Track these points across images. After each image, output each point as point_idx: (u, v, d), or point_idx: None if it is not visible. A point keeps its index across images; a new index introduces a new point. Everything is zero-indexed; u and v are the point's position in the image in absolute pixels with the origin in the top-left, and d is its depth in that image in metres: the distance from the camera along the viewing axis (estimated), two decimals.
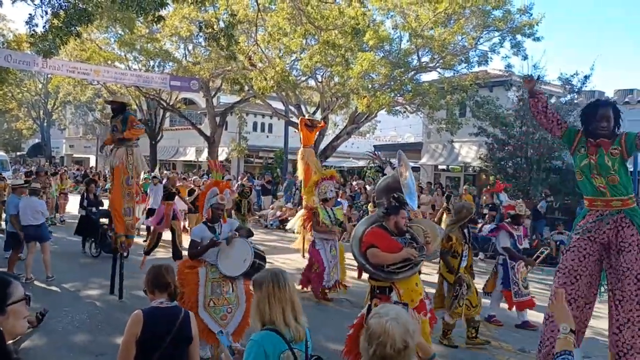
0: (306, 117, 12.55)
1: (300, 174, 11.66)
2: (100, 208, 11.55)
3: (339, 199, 14.79)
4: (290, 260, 11.11)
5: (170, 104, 26.68)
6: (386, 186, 5.41)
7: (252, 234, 5.53)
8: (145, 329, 2.92)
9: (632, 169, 10.79)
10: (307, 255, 11.39)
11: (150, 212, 12.18)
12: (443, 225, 10.87)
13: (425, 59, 17.11)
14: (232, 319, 5.09)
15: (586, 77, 14.74)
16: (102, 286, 8.12)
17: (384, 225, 4.83)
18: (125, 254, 10.03)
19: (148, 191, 13.04)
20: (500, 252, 7.25)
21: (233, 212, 9.96)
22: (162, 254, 10.51)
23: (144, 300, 3.19)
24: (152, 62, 23.31)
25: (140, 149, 7.87)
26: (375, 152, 9.44)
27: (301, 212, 11.73)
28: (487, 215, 13.58)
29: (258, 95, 17.65)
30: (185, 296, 5.00)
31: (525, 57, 15.55)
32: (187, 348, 3.04)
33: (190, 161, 33.17)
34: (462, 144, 20.55)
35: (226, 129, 27.47)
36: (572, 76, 14.85)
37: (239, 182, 20.53)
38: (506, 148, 15.36)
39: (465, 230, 6.34)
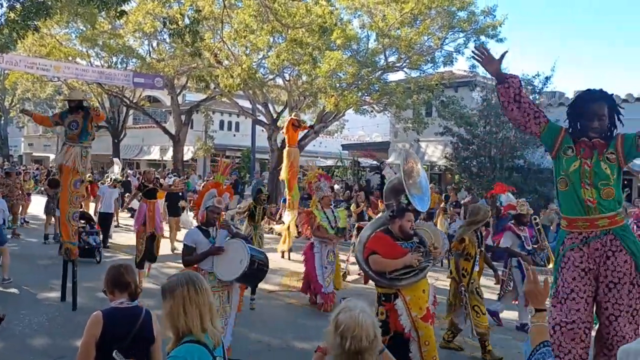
0: (293, 116, 12.24)
1: (284, 174, 11.46)
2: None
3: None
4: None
5: (134, 101, 26.14)
6: (393, 187, 5.21)
7: (248, 240, 5.20)
8: (105, 330, 2.83)
9: None
10: (293, 256, 11.29)
11: (102, 217, 11.77)
12: (439, 227, 10.84)
13: (392, 58, 17.25)
14: (227, 329, 4.78)
15: (547, 78, 15.15)
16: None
17: (389, 230, 4.63)
18: (98, 258, 9.80)
19: (100, 194, 12.46)
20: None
21: (246, 220, 9.26)
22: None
23: (105, 302, 3.09)
24: (114, 59, 22.78)
25: (103, 146, 7.63)
26: (369, 150, 9.22)
27: (288, 214, 11.50)
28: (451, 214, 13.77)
29: (224, 94, 17.46)
30: None
31: None
32: (149, 349, 2.95)
33: (155, 160, 32.57)
34: (429, 143, 20.83)
35: (192, 127, 27.08)
36: (533, 77, 15.24)
37: (204, 182, 20.32)
38: (470, 147, 15.64)
39: (479, 233, 6.05)
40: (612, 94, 3.52)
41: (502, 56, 3.61)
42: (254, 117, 20.34)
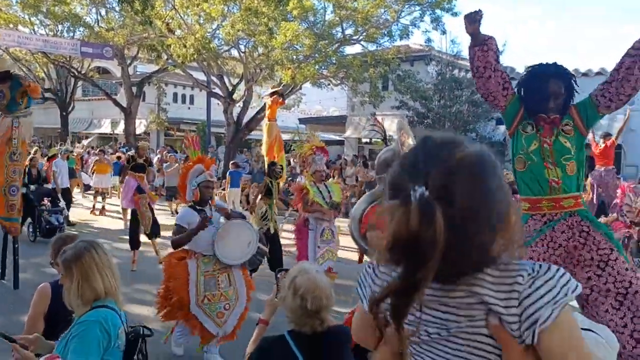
0: (272, 89, 11.74)
1: (265, 149, 11.00)
2: (46, 185, 10.65)
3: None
4: None
5: (83, 72, 25.07)
6: (385, 160, 5.11)
7: (244, 218, 4.85)
8: (52, 302, 2.76)
9: None
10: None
11: (63, 193, 11.33)
12: None
13: (349, 31, 17.18)
14: (230, 317, 4.49)
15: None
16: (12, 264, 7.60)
17: None
18: (31, 238, 9.26)
19: (55, 168, 11.78)
20: None
21: (260, 196, 8.12)
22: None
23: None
24: (60, 27, 21.70)
25: (50, 119, 7.27)
26: (376, 119, 8.82)
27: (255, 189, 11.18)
28: None
29: (178, 65, 16.97)
30: (173, 291, 4.42)
31: (444, 32, 16.02)
32: None
33: (106, 134, 31.52)
34: (385, 117, 20.95)
35: (144, 100, 26.27)
36: None
37: (158, 157, 19.84)
38: (425, 121, 15.87)
39: None
40: (567, 70, 3.24)
41: (481, 15, 3.22)
42: (209, 89, 19.92)
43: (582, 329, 1.64)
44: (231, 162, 15.75)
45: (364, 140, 23.78)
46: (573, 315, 1.06)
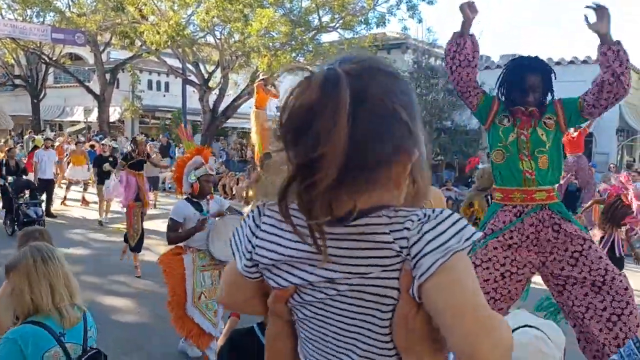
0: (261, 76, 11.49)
1: (255, 139, 10.72)
2: (25, 177, 10.33)
3: None
4: None
5: (54, 58, 24.46)
6: None
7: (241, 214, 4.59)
8: None
9: None
10: None
11: (41, 185, 10.83)
12: None
13: (325, 18, 17.08)
14: (219, 314, 4.38)
15: None
16: None
17: None
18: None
19: (36, 159, 11.20)
20: None
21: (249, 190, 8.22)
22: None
23: None
24: (29, 12, 21.09)
25: (21, 107, 7.10)
26: None
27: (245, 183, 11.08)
28: None
29: (152, 52, 16.68)
30: (171, 290, 4.27)
31: (420, 20, 16.07)
32: None
33: (79, 122, 30.90)
34: None
35: (117, 87, 25.78)
36: None
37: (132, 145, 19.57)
38: None
39: (488, 198, 5.69)
40: (547, 63, 3.28)
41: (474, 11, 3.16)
42: (184, 77, 19.65)
43: (526, 325, 1.70)
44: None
45: None
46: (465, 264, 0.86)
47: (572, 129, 10.79)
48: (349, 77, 0.86)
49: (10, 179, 9.77)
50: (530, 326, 1.70)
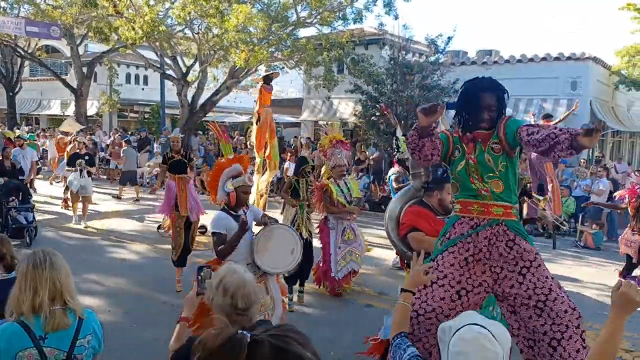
0: (262, 74, 11.04)
1: (254, 137, 10.46)
2: (21, 178, 9.78)
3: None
4: None
5: (29, 51, 24.06)
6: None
7: (276, 221, 4.37)
8: None
9: None
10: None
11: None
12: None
13: (303, 14, 17.12)
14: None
15: (449, 39, 15.78)
16: None
17: (426, 203, 4.12)
18: (28, 239, 8.41)
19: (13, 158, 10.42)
20: None
21: (288, 197, 6.72)
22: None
23: None
24: (3, 4, 20.70)
25: None
26: (386, 107, 8.28)
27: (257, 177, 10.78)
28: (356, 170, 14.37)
29: (128, 46, 16.54)
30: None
31: (396, 17, 16.19)
32: None
33: (56, 115, 30.49)
34: (340, 100, 21.15)
35: (95, 80, 25.49)
36: (436, 37, 15.81)
37: (112, 139, 19.43)
38: (378, 105, 16.09)
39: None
40: (499, 84, 3.30)
41: (442, 109, 3.13)
42: (162, 71, 19.54)
43: (472, 324, 1.86)
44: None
45: (320, 122, 23.94)
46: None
47: (541, 121, 10.64)
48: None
49: (1, 180, 9.13)
50: (476, 324, 1.84)
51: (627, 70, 18.11)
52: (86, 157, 10.79)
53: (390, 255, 8.32)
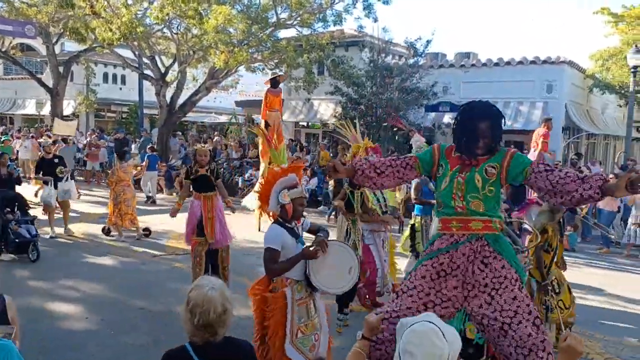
0: (270, 76, 10.85)
1: (262, 142, 10.08)
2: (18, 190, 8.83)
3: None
4: None
5: (3, 50, 23.56)
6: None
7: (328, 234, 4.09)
8: None
9: None
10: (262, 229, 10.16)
11: None
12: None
13: (283, 15, 17.09)
14: (319, 348, 3.85)
15: (428, 42, 15.96)
16: None
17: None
18: (32, 255, 7.74)
19: None
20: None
21: (341, 209, 6.19)
22: None
23: None
24: None
25: None
26: (399, 118, 8.07)
27: (257, 187, 10.60)
28: None
29: (105, 46, 16.31)
30: (271, 330, 3.69)
31: (375, 20, 16.29)
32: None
33: (31, 115, 29.93)
34: (321, 102, 21.19)
35: (72, 80, 25.09)
36: (415, 40, 15.97)
37: (88, 140, 19.15)
38: (358, 107, 16.19)
39: (562, 221, 5.28)
40: (496, 109, 3.29)
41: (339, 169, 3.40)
42: (140, 71, 19.32)
43: (426, 321, 2.02)
44: (148, 146, 15.49)
45: (300, 123, 23.94)
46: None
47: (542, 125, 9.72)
48: None
49: None
50: (430, 322, 2.01)
51: (601, 74, 18.52)
52: (56, 160, 9.83)
53: None
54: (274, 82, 10.56)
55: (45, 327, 5.45)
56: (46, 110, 26.14)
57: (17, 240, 7.90)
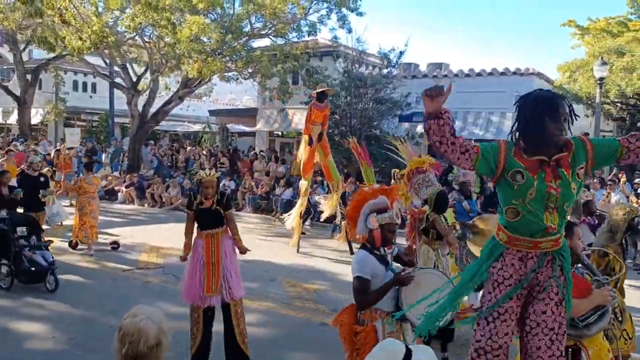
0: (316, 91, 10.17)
1: (301, 155, 10.14)
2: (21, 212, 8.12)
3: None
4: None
5: None
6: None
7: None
8: None
9: None
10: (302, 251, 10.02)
11: None
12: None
13: (258, 25, 17.07)
14: None
15: (401, 53, 16.14)
16: None
17: None
18: (50, 284, 6.87)
19: None
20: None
21: (413, 237, 5.75)
22: None
23: None
24: None
25: None
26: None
27: (299, 203, 10.23)
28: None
29: (74, 55, 15.99)
30: None
31: (349, 31, 16.40)
32: None
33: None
34: (296, 111, 21.18)
35: (40, 88, 24.53)
36: (389, 51, 16.13)
37: (57, 149, 18.68)
38: (333, 117, 16.21)
39: (624, 242, 4.69)
40: (562, 98, 2.94)
41: (449, 90, 2.80)
42: (111, 80, 19.00)
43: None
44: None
45: (275, 132, 23.89)
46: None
47: None
48: None
49: (3, 213, 7.43)
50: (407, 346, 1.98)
51: (568, 85, 19.00)
52: (42, 179, 9.13)
53: (347, 271, 8.33)
54: (321, 96, 9.92)
55: (10, 348, 5.26)
56: (13, 119, 25.49)
57: (32, 268, 7.07)
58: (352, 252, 9.68)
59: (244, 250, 5.12)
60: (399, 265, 3.63)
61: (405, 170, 5.87)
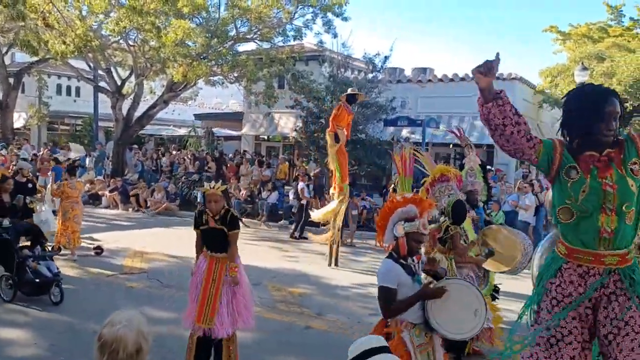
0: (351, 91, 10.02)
1: (332, 161, 9.81)
2: (27, 220, 7.61)
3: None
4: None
5: None
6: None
7: (445, 272, 3.72)
8: None
9: None
10: (334, 265, 9.51)
11: None
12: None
13: (243, 29, 17.10)
14: None
15: (386, 58, 16.24)
16: None
17: None
18: (55, 296, 6.59)
19: None
20: None
21: (429, 246, 5.30)
22: None
23: None
24: None
25: None
26: (460, 130, 7.14)
27: (333, 204, 9.66)
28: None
29: (58, 59, 15.88)
30: None
31: (335, 35, 16.49)
32: None
33: None
34: (281, 115, 21.21)
35: (23, 91, 24.26)
36: (374, 56, 16.22)
37: (41, 154, 18.49)
38: (319, 121, 16.26)
39: None
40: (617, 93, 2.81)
41: (498, 61, 2.64)
42: (95, 84, 18.87)
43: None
44: (52, 158, 15.05)
45: (261, 137, 23.89)
46: None
47: None
48: None
49: (6, 222, 7.07)
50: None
51: (550, 90, 19.27)
52: (29, 186, 8.93)
53: (332, 275, 8.39)
54: (351, 99, 9.81)
55: None
56: None
57: (37, 280, 6.79)
58: (330, 259, 9.71)
59: (234, 282, 4.58)
60: (425, 276, 3.62)
61: (428, 178, 5.58)
